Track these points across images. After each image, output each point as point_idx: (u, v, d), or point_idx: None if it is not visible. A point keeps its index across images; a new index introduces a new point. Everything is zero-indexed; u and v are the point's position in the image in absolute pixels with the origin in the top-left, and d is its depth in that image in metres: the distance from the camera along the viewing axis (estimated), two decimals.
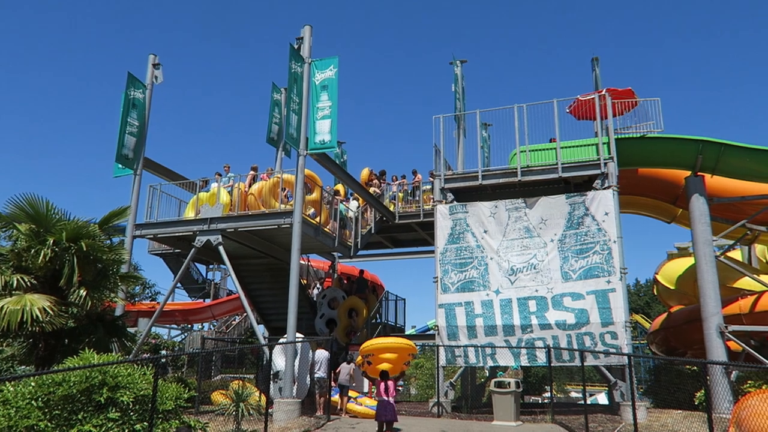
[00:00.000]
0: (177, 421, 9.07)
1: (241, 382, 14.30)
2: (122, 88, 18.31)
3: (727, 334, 16.17)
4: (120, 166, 18.10)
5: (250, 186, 17.93)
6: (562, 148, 17.09)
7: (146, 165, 18.79)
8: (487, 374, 21.98)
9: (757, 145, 16.83)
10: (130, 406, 8.54)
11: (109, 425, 8.23)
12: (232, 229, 16.88)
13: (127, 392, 8.54)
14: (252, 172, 18.42)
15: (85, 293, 11.69)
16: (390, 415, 11.42)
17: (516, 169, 17.24)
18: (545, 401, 26.25)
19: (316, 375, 15.80)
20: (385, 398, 11.62)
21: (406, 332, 26.88)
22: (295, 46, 16.53)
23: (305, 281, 24.80)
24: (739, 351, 17.76)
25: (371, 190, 21.27)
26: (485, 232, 17.17)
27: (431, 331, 21.78)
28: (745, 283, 19.95)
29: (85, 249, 11.52)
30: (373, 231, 21.31)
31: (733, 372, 16.68)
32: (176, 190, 18.92)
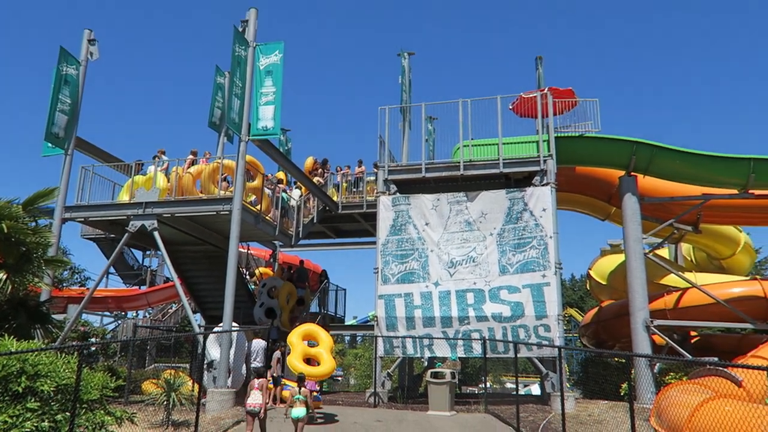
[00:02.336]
0: (102, 411, 8.74)
1: (173, 371, 13.94)
2: (54, 63, 17.42)
3: (653, 328, 16.90)
4: (49, 145, 17.23)
5: (188, 170, 17.43)
6: (504, 144, 17.39)
7: (78, 145, 17.96)
8: (425, 365, 22.25)
9: (686, 148, 17.61)
10: (52, 396, 8.15)
11: (28, 415, 7.82)
12: (169, 215, 16.38)
13: (48, 381, 8.14)
14: (191, 156, 17.91)
15: (5, 277, 11.09)
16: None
17: (459, 163, 17.43)
18: (481, 392, 26.81)
19: (252, 365, 15.58)
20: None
21: (347, 323, 26.88)
22: (240, 29, 16.13)
23: (245, 269, 24.40)
24: (663, 344, 18.61)
25: (315, 179, 21.09)
26: (427, 224, 17.32)
27: (372, 322, 21.87)
28: (671, 279, 20.90)
29: (6, 231, 10.92)
30: (315, 220, 21.15)
31: (657, 364, 17.46)
32: (110, 173, 18.20)
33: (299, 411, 10.51)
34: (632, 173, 18.11)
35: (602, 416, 14.02)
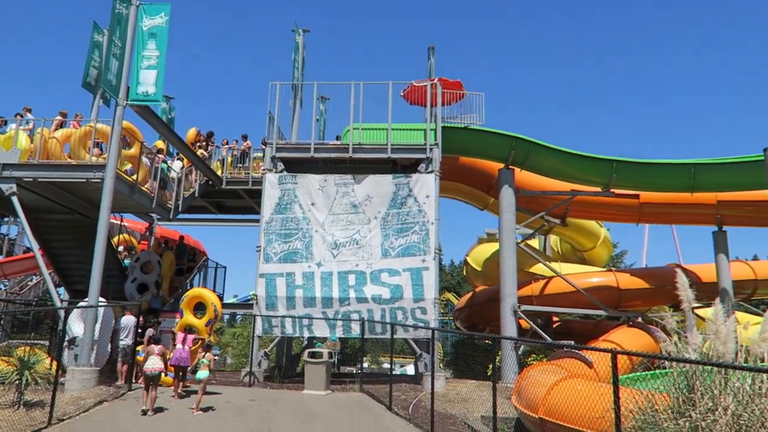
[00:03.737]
0: None
1: (28, 347, 12.90)
2: None
3: (520, 313, 18.05)
4: None
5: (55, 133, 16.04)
6: (393, 129, 17.65)
7: None
8: (305, 345, 22.28)
9: (560, 146, 18.85)
10: None
11: None
12: (31, 179, 15.03)
13: None
14: (60, 118, 16.49)
15: None
16: (184, 361, 12.61)
17: (348, 145, 17.47)
18: (359, 372, 27.31)
19: (121, 342, 14.80)
20: (181, 347, 12.84)
21: (227, 301, 26.21)
22: None
23: (117, 242, 23.01)
24: (528, 328, 19.95)
25: (198, 151, 20.22)
26: (313, 204, 17.25)
27: (252, 301, 21.43)
28: (539, 268, 22.43)
29: None
30: (197, 194, 20.34)
31: (521, 347, 18.71)
32: None
33: (203, 373, 11.94)
34: (510, 166, 19.10)
35: (469, 395, 14.82)
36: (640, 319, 19.82)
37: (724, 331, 6.48)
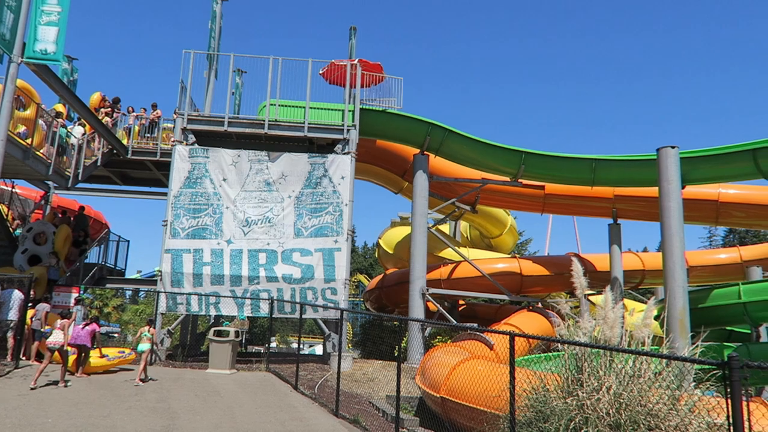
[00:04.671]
0: None
1: None
2: None
3: (428, 295, 18.49)
4: None
5: None
6: (311, 108, 17.43)
7: None
8: (211, 323, 21.78)
9: (474, 135, 19.34)
10: None
11: None
12: None
13: None
14: None
15: None
16: (81, 339, 12.18)
17: (264, 121, 17.09)
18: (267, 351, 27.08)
19: (4, 317, 13.80)
20: (81, 325, 12.54)
21: (129, 276, 25.08)
22: None
23: (7, 209, 21.38)
24: (435, 311, 20.50)
25: (102, 118, 19.09)
26: (224, 180, 16.78)
27: (158, 278, 20.56)
28: (448, 253, 23.05)
29: None
30: (99, 163, 19.24)
31: (428, 328, 19.22)
32: None
33: (144, 345, 12.63)
34: (426, 152, 19.41)
35: (375, 375, 15.08)
36: (540, 305, 20.86)
37: (612, 317, 6.95)
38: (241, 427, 9.09)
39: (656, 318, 17.81)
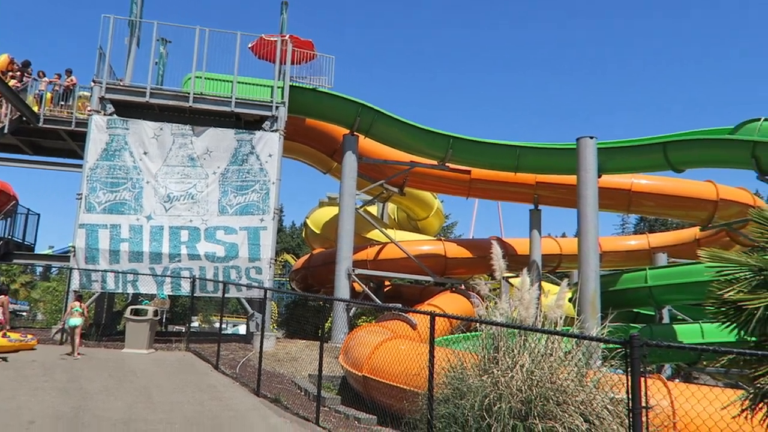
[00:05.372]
0: None
1: None
2: None
3: (353, 276, 18.59)
4: None
5: None
6: (238, 83, 16.96)
7: None
8: (128, 301, 21.03)
9: (404, 118, 19.46)
10: None
11: None
12: None
13: None
14: None
15: None
16: None
17: (189, 93, 16.49)
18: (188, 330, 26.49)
19: None
20: None
21: (39, 251, 23.75)
22: None
23: None
24: (361, 291, 20.67)
25: (10, 82, 17.81)
26: (145, 153, 16.12)
27: (71, 254, 19.52)
28: (375, 234, 23.22)
29: None
30: (6, 130, 17.96)
31: (353, 308, 19.36)
32: None
33: (76, 320, 12.69)
34: (355, 133, 19.37)
35: (299, 354, 15.07)
36: (463, 286, 21.44)
37: (528, 298, 7.23)
38: (157, 407, 8.87)
39: (570, 300, 18.74)
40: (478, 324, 7.17)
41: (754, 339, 5.31)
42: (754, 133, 16.91)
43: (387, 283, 25.20)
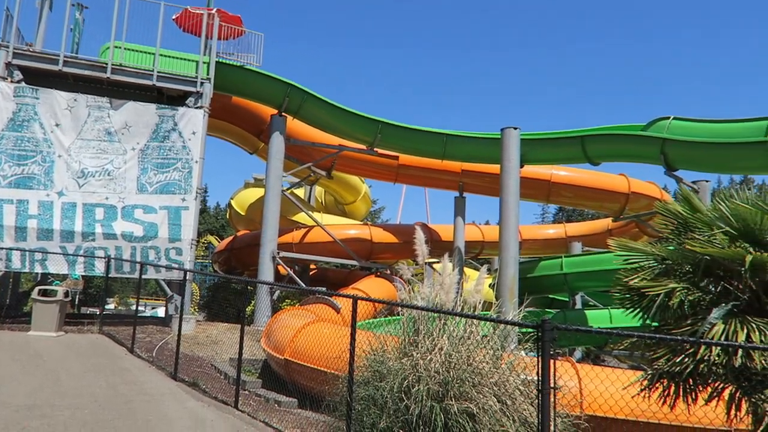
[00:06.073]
0: None
1: None
2: None
3: (278, 259, 18.38)
4: None
5: None
6: (161, 56, 16.26)
7: None
8: (37, 281, 19.89)
9: (332, 100, 19.29)
10: None
11: None
12: None
13: None
14: None
15: None
16: None
17: (107, 64, 15.65)
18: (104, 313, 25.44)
19: None
20: None
21: None
22: None
23: None
24: (285, 275, 20.48)
25: None
26: (57, 125, 15.20)
27: None
28: (302, 217, 23.06)
29: None
30: None
31: (276, 292, 19.16)
32: None
33: None
34: (284, 114, 19.04)
35: (220, 337, 14.77)
36: (389, 271, 21.66)
37: (448, 283, 7.41)
38: (66, 391, 8.48)
39: (490, 285, 19.34)
40: (400, 308, 7.28)
41: (655, 324, 5.67)
42: (664, 131, 17.93)
43: (313, 266, 25.09)
